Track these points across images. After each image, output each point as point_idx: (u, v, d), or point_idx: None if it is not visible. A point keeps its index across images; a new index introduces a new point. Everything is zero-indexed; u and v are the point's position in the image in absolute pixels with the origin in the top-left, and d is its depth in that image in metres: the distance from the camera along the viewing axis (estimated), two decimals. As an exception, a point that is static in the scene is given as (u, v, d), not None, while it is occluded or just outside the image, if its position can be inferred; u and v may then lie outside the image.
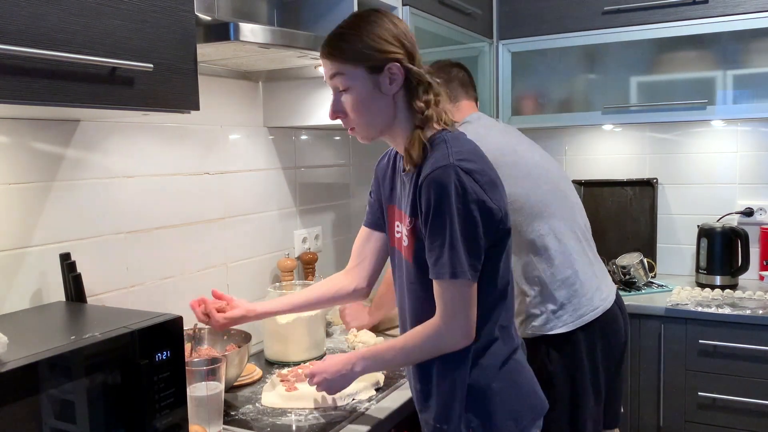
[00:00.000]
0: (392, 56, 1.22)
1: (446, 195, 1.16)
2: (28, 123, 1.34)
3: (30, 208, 1.34)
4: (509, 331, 1.31)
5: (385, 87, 1.23)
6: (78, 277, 1.33)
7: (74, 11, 1.01)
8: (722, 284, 2.57)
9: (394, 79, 1.23)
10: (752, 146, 2.71)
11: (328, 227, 2.31)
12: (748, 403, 2.20)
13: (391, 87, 1.23)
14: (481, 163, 1.24)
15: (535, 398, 1.33)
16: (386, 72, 1.22)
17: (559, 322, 1.70)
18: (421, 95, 1.24)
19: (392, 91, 1.24)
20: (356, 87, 1.24)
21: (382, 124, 1.27)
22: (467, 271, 1.18)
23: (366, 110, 1.25)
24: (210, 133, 1.80)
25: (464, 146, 1.24)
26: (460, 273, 1.18)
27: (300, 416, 1.41)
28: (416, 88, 1.24)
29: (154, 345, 1.05)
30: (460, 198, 1.16)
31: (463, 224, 1.17)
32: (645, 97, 2.57)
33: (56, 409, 0.92)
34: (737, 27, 2.37)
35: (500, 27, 2.77)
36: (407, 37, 1.25)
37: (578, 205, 1.87)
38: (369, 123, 1.27)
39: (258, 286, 1.97)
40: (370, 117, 1.26)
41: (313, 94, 1.89)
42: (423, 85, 1.24)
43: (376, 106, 1.25)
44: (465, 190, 1.16)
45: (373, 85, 1.23)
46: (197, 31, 1.27)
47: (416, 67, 1.24)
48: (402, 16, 2.08)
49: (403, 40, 1.23)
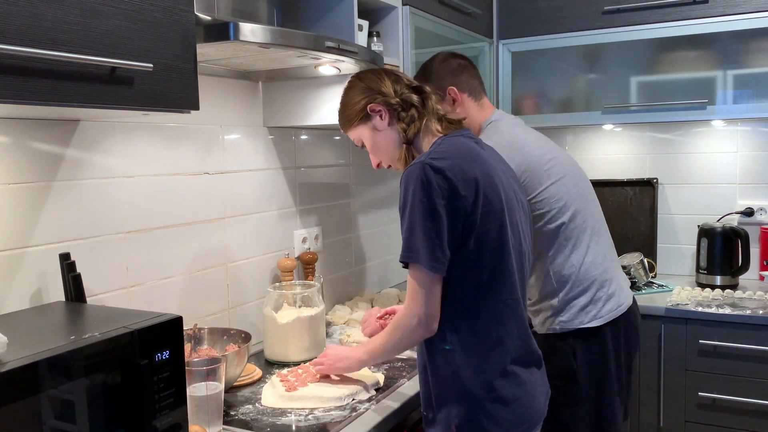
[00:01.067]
0: (365, 102, 1.44)
1: (411, 188, 1.27)
2: (28, 123, 1.34)
3: (30, 208, 1.34)
4: (501, 343, 1.31)
5: (378, 124, 1.44)
6: (78, 277, 1.32)
7: (74, 11, 1.01)
8: (722, 284, 2.57)
9: (381, 114, 1.43)
10: (752, 146, 2.71)
11: (328, 227, 2.30)
12: (748, 403, 2.20)
13: (383, 121, 1.44)
14: (459, 160, 1.29)
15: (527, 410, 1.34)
16: (371, 113, 1.44)
17: (587, 317, 1.71)
18: (403, 115, 1.42)
19: (386, 123, 1.44)
20: (365, 139, 1.48)
21: (399, 151, 1.45)
22: (423, 258, 1.25)
23: (380, 149, 1.48)
24: (210, 133, 1.80)
25: (448, 146, 1.33)
26: (415, 258, 1.27)
27: (300, 416, 1.41)
28: (397, 112, 1.43)
29: (153, 345, 1.04)
30: (425, 192, 1.25)
31: (423, 216, 1.25)
32: (645, 97, 2.57)
33: (56, 409, 0.92)
34: (737, 27, 2.37)
35: (500, 27, 2.77)
36: (376, 81, 1.44)
37: (599, 206, 1.89)
38: (390, 157, 1.48)
39: (258, 286, 1.97)
40: (386, 152, 1.47)
41: (313, 94, 1.89)
42: (402, 105, 1.42)
43: (384, 143, 1.46)
44: (430, 184, 1.25)
45: (371, 130, 1.46)
46: (197, 31, 1.27)
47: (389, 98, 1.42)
48: (402, 16, 2.09)
49: (371, 86, 1.44)
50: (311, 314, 1.76)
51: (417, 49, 2.13)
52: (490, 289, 1.30)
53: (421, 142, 1.43)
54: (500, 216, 1.30)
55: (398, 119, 1.42)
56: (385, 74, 1.46)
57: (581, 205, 1.77)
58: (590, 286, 1.73)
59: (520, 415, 1.32)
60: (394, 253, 2.73)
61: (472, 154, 1.33)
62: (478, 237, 1.27)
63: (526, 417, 1.33)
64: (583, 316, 1.72)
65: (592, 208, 1.81)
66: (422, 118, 1.42)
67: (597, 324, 1.71)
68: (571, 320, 1.72)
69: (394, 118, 1.43)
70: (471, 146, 1.36)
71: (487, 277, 1.29)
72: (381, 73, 1.46)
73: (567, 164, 1.81)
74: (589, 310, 1.72)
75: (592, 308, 1.72)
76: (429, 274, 1.27)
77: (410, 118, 1.41)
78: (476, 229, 1.27)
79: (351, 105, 1.47)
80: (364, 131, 1.47)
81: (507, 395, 1.30)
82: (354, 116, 1.47)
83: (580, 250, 1.74)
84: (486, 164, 1.33)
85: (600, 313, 1.72)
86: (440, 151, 1.31)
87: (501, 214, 1.30)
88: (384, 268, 2.67)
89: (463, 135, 1.40)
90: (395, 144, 1.44)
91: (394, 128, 1.43)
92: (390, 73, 1.47)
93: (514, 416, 1.31)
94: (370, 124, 1.45)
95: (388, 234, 2.69)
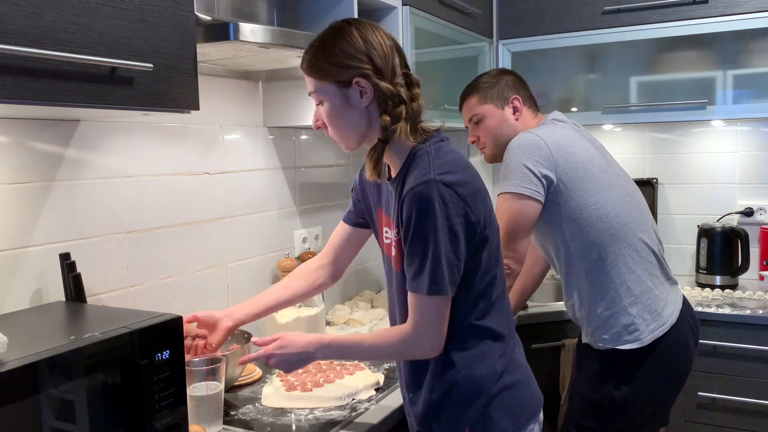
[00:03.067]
0: (357, 71, 1.21)
1: (430, 210, 1.16)
2: (28, 123, 1.34)
3: (30, 208, 1.34)
4: (498, 331, 1.31)
5: (355, 100, 1.23)
6: (78, 276, 1.33)
7: (74, 11, 1.01)
8: (722, 284, 2.57)
9: (364, 92, 1.22)
10: (752, 146, 2.71)
11: (328, 227, 2.30)
12: (748, 403, 2.20)
13: (362, 100, 1.23)
14: (464, 173, 1.22)
15: (530, 396, 1.34)
16: (354, 86, 1.22)
17: (631, 337, 1.68)
18: (390, 109, 1.23)
19: (363, 104, 1.23)
20: (328, 101, 1.25)
21: (358, 135, 1.28)
22: (446, 287, 1.19)
23: (339, 122, 1.27)
24: (210, 133, 1.80)
25: (446, 158, 1.23)
26: (439, 290, 1.19)
27: (300, 416, 1.41)
28: (385, 102, 1.23)
29: (153, 345, 1.05)
30: (444, 213, 1.17)
31: (446, 240, 1.17)
32: (645, 97, 2.57)
33: (56, 409, 0.92)
34: (737, 27, 2.37)
35: (500, 27, 2.77)
36: (379, 50, 1.22)
37: (651, 219, 1.84)
38: (344, 134, 1.28)
39: (258, 286, 1.97)
40: (343, 129, 1.27)
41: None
42: (393, 99, 1.23)
43: (348, 119, 1.25)
44: (446, 204, 1.17)
45: (342, 98, 1.24)
46: (197, 31, 1.27)
47: (385, 81, 1.22)
48: (402, 16, 2.08)
49: (372, 54, 1.21)
50: (311, 314, 1.76)
51: (417, 49, 2.13)
52: (485, 291, 1.29)
53: (396, 147, 1.27)
54: (495, 219, 1.30)
55: (384, 110, 1.23)
56: (394, 49, 1.25)
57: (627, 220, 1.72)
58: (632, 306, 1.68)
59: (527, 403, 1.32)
60: (394, 253, 2.73)
61: (466, 162, 1.28)
62: (482, 244, 1.25)
63: (531, 403, 1.33)
64: (627, 336, 1.68)
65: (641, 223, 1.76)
66: (408, 121, 1.24)
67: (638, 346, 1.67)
68: (615, 339, 1.69)
69: (376, 106, 1.24)
70: (460, 153, 1.29)
71: (484, 281, 1.28)
72: (392, 49, 1.24)
73: (616, 175, 1.79)
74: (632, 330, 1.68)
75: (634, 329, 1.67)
76: (446, 300, 1.22)
77: (396, 116, 1.23)
78: (488, 243, 1.25)
79: (333, 59, 1.22)
80: (332, 95, 1.24)
81: (511, 381, 1.30)
82: (332, 71, 1.22)
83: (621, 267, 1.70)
84: (476, 171, 1.29)
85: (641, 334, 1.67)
86: (443, 164, 1.21)
87: (494, 216, 1.30)
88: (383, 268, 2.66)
89: (442, 139, 1.30)
90: (358, 129, 1.26)
91: (368, 114, 1.25)
92: (396, 49, 1.26)
93: (522, 404, 1.31)
94: (344, 92, 1.23)
95: (388, 234, 2.69)
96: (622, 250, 1.70)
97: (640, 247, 1.73)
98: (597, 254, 1.70)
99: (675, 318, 1.72)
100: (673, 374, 1.74)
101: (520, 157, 1.71)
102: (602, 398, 1.70)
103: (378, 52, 1.22)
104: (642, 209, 1.80)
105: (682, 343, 1.73)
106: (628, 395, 1.68)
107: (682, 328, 1.74)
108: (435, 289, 1.19)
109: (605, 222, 1.70)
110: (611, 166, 1.81)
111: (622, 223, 1.71)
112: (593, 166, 1.74)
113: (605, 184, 1.73)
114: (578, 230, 1.70)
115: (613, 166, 1.82)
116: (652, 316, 1.69)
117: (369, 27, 1.24)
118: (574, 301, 1.79)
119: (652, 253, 1.75)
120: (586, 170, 1.72)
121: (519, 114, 1.90)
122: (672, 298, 1.76)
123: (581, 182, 1.70)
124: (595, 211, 1.70)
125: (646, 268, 1.72)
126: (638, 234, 1.73)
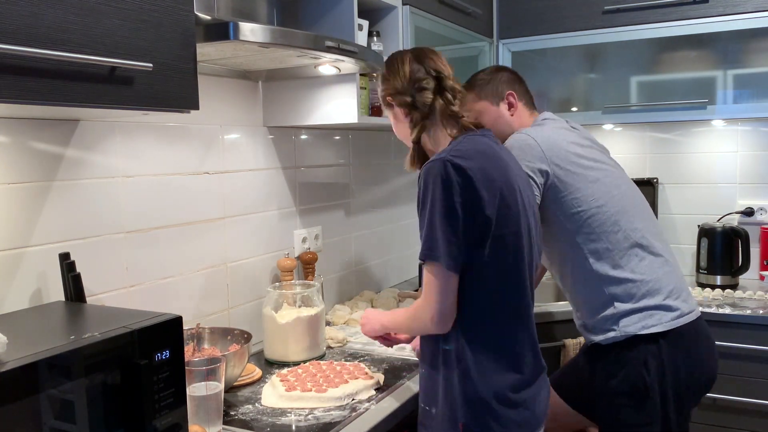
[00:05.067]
0: (384, 93, 1.46)
1: (432, 183, 1.26)
2: (28, 123, 1.34)
3: (30, 208, 1.34)
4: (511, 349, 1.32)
5: (399, 115, 1.46)
6: (77, 276, 1.32)
7: (74, 11, 1.01)
8: (722, 284, 2.57)
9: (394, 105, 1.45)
10: (752, 146, 2.71)
11: (328, 227, 2.30)
12: (748, 403, 2.20)
13: (401, 113, 1.45)
14: (481, 161, 1.28)
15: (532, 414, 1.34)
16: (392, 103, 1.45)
17: (652, 320, 1.65)
18: (412, 115, 1.42)
19: (402, 116, 1.44)
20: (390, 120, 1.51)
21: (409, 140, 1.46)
22: (441, 256, 1.25)
23: (400, 135, 1.51)
24: (210, 133, 1.80)
25: (467, 145, 1.32)
26: (433, 256, 1.26)
27: (300, 416, 1.41)
28: (409, 110, 1.42)
29: (153, 345, 1.04)
30: (445, 189, 1.24)
31: (442, 213, 1.25)
32: (645, 97, 2.57)
33: (56, 409, 0.92)
34: (737, 27, 2.37)
35: (500, 26, 2.77)
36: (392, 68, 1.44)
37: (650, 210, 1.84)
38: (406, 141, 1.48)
39: (258, 286, 1.97)
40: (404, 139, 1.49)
41: (313, 94, 1.89)
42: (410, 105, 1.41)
43: (400, 131, 1.50)
44: (450, 182, 1.24)
45: (393, 116, 1.49)
46: (197, 31, 1.26)
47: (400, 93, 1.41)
48: (402, 16, 2.08)
49: (389, 74, 1.44)
50: (311, 314, 1.76)
51: (417, 49, 2.13)
52: (503, 295, 1.30)
53: (434, 143, 1.41)
54: (516, 220, 1.30)
55: (410, 118, 1.43)
56: (408, 61, 1.42)
57: (629, 210, 1.73)
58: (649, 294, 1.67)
59: (526, 418, 1.32)
60: (394, 253, 2.73)
61: (493, 154, 1.32)
62: (495, 241, 1.27)
63: (531, 420, 1.33)
64: (647, 320, 1.65)
65: (643, 214, 1.76)
66: (432, 120, 1.40)
67: (661, 330, 1.64)
68: (635, 324, 1.66)
69: (407, 115, 1.43)
70: (491, 146, 1.35)
71: (501, 283, 1.30)
72: (404, 61, 1.43)
73: (612, 166, 1.80)
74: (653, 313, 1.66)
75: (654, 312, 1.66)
76: (445, 272, 1.26)
77: (417, 118, 1.41)
78: (492, 232, 1.27)
79: (380, 87, 1.50)
80: (390, 116, 1.50)
81: (515, 399, 1.31)
82: (382, 101, 1.50)
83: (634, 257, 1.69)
84: (505, 166, 1.33)
85: (662, 318, 1.65)
86: (461, 149, 1.30)
87: (517, 218, 1.30)
88: (384, 268, 2.67)
89: (484, 135, 1.39)
90: (409, 136, 1.45)
91: (408, 121, 1.44)
92: (414, 60, 1.42)
93: (520, 418, 1.31)
94: (393, 111, 1.47)
95: (388, 234, 2.69)
96: (628, 238, 1.70)
97: (646, 234, 1.73)
98: (603, 245, 1.70)
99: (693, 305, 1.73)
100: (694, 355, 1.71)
101: None
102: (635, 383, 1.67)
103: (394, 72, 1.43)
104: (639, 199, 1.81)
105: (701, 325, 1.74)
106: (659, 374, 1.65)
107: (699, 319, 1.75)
108: (430, 255, 1.26)
109: (605, 213, 1.70)
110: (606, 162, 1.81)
111: (623, 211, 1.72)
112: (586, 160, 1.75)
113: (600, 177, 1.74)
114: (580, 224, 1.71)
115: (608, 161, 1.83)
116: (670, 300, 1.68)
117: (394, 56, 1.48)
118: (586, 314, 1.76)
119: (657, 240, 1.75)
120: (579, 164, 1.73)
121: (514, 110, 1.91)
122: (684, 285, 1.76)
123: (575, 176, 1.71)
124: (594, 201, 1.70)
125: (656, 256, 1.72)
126: (641, 222, 1.74)
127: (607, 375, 1.69)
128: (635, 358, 1.65)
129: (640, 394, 1.64)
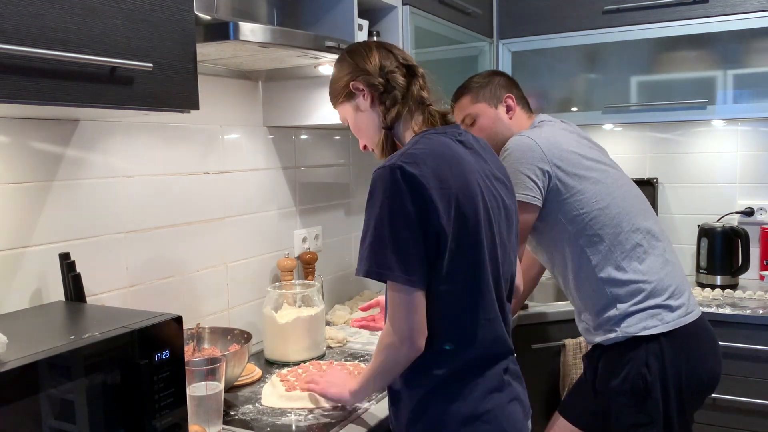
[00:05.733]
0: (348, 79, 1.34)
1: (380, 193, 1.16)
2: (28, 123, 1.34)
3: (30, 208, 1.34)
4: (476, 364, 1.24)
5: (362, 104, 1.35)
6: (77, 276, 1.32)
7: (74, 10, 1.01)
8: (722, 284, 2.57)
9: (362, 92, 1.33)
10: (752, 146, 2.71)
11: (328, 227, 2.30)
12: (748, 403, 2.20)
13: (365, 101, 1.34)
14: (434, 165, 1.18)
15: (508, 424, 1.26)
16: (354, 92, 1.34)
17: (654, 320, 1.65)
18: (383, 99, 1.32)
19: (368, 104, 1.34)
20: (348, 118, 1.40)
21: (378, 136, 1.35)
22: (398, 273, 1.15)
23: (362, 131, 1.39)
24: (210, 133, 1.80)
25: (422, 147, 1.21)
26: (388, 274, 1.16)
27: (300, 416, 1.41)
28: (379, 93, 1.32)
29: (153, 345, 1.04)
30: (396, 198, 1.15)
31: (395, 225, 1.14)
32: (645, 97, 2.57)
33: (56, 409, 0.92)
34: (737, 27, 2.37)
35: (500, 26, 2.77)
36: (359, 55, 1.34)
37: (651, 209, 1.84)
38: (370, 140, 1.38)
39: (258, 286, 1.97)
40: (367, 135, 1.38)
41: (313, 94, 1.89)
42: (381, 86, 1.31)
43: (364, 124, 1.37)
44: (400, 190, 1.15)
45: (354, 108, 1.37)
46: (197, 31, 1.27)
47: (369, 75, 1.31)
48: (402, 16, 2.08)
49: (356, 60, 1.33)
50: (311, 314, 1.76)
51: (417, 49, 2.13)
52: (464, 309, 1.22)
53: (402, 131, 1.33)
54: (475, 231, 1.20)
55: (380, 101, 1.32)
56: (375, 49, 1.35)
57: (631, 211, 1.73)
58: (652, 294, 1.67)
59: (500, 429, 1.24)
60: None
61: (451, 156, 1.22)
62: (452, 255, 1.18)
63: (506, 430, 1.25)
64: (649, 321, 1.65)
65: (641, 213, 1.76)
66: (405, 104, 1.31)
67: (662, 330, 1.64)
68: (636, 324, 1.66)
69: (376, 100, 1.33)
70: (451, 147, 1.24)
71: (461, 298, 1.21)
72: (371, 48, 1.35)
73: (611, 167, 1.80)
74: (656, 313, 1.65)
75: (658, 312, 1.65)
76: (406, 288, 1.16)
77: (391, 101, 1.30)
78: (449, 245, 1.17)
79: (336, 80, 1.38)
80: (347, 109, 1.38)
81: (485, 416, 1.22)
82: (338, 92, 1.38)
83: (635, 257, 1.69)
84: (465, 169, 1.22)
85: (666, 318, 1.65)
86: (415, 152, 1.19)
87: (476, 228, 1.20)
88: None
89: (446, 133, 1.28)
90: (376, 127, 1.34)
91: (375, 110, 1.33)
92: (381, 48, 1.35)
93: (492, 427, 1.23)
94: (353, 102, 1.35)
95: (388, 234, 2.68)
96: (630, 239, 1.70)
97: (648, 234, 1.73)
98: (606, 247, 1.70)
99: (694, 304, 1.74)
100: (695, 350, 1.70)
101: (513, 162, 1.71)
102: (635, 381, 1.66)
103: (362, 58, 1.34)
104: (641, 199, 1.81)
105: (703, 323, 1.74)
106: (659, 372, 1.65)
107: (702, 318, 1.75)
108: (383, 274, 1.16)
109: (607, 214, 1.70)
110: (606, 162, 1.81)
111: (625, 212, 1.72)
112: (586, 160, 1.75)
113: (601, 178, 1.74)
114: (582, 226, 1.70)
115: (608, 162, 1.83)
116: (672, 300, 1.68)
117: (358, 45, 1.39)
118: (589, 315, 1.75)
119: (659, 240, 1.75)
120: (581, 165, 1.73)
121: (513, 113, 1.91)
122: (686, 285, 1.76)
123: (577, 178, 1.71)
124: (596, 203, 1.70)
125: (658, 256, 1.73)
126: (642, 222, 1.74)
127: (608, 374, 1.69)
128: (636, 357, 1.65)
129: (641, 394, 1.64)
